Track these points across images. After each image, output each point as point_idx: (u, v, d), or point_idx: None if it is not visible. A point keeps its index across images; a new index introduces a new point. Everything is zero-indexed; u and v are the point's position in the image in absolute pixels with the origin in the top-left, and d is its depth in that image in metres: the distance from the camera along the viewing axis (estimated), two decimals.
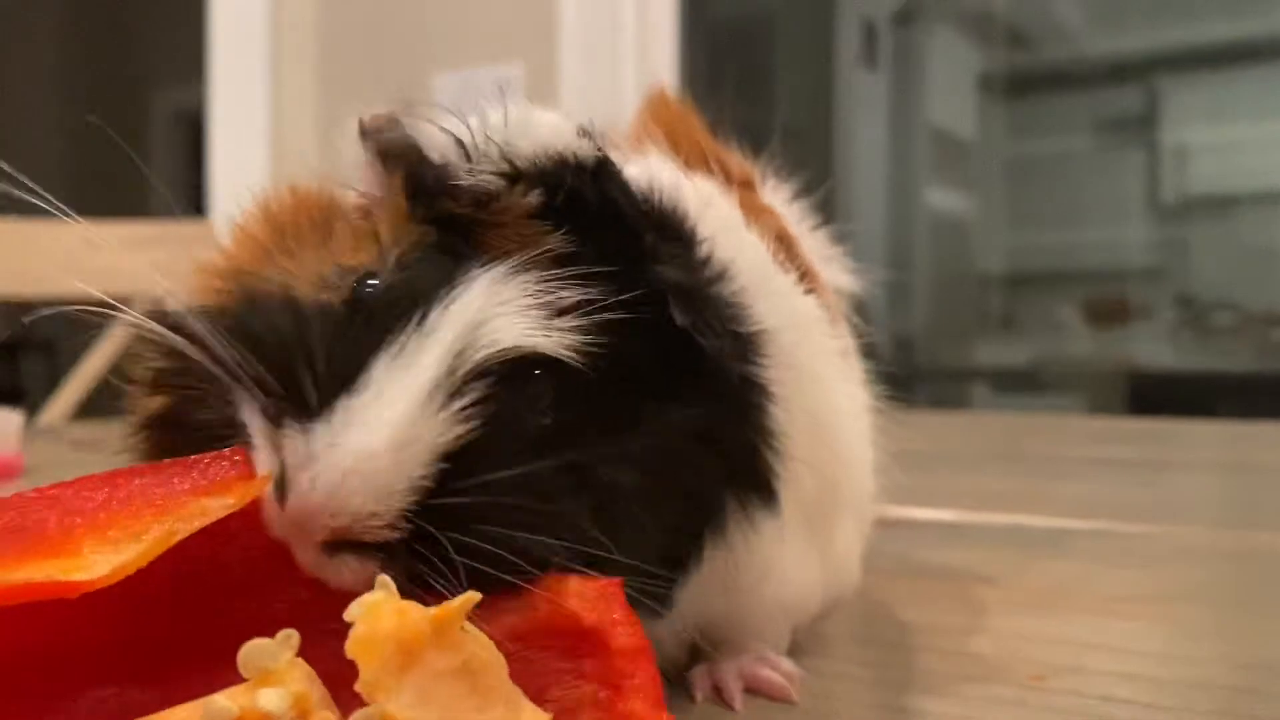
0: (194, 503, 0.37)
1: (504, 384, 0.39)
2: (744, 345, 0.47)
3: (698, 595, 0.47)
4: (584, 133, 0.45)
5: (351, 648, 0.32)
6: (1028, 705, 0.52)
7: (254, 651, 0.33)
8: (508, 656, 0.35)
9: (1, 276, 1.68)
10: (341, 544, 0.37)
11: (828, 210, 0.66)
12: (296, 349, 0.39)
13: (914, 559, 0.84)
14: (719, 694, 0.52)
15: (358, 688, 0.32)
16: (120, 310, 0.43)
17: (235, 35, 2.81)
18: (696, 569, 0.46)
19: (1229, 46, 4.25)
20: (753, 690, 0.53)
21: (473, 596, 0.34)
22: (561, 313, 0.41)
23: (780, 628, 0.56)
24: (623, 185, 0.45)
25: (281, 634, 0.33)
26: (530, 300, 0.41)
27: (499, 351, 0.39)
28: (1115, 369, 4.17)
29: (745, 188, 0.59)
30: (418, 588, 0.37)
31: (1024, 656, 0.59)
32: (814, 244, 0.66)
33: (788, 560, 0.51)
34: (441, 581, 0.37)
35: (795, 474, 0.49)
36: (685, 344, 0.44)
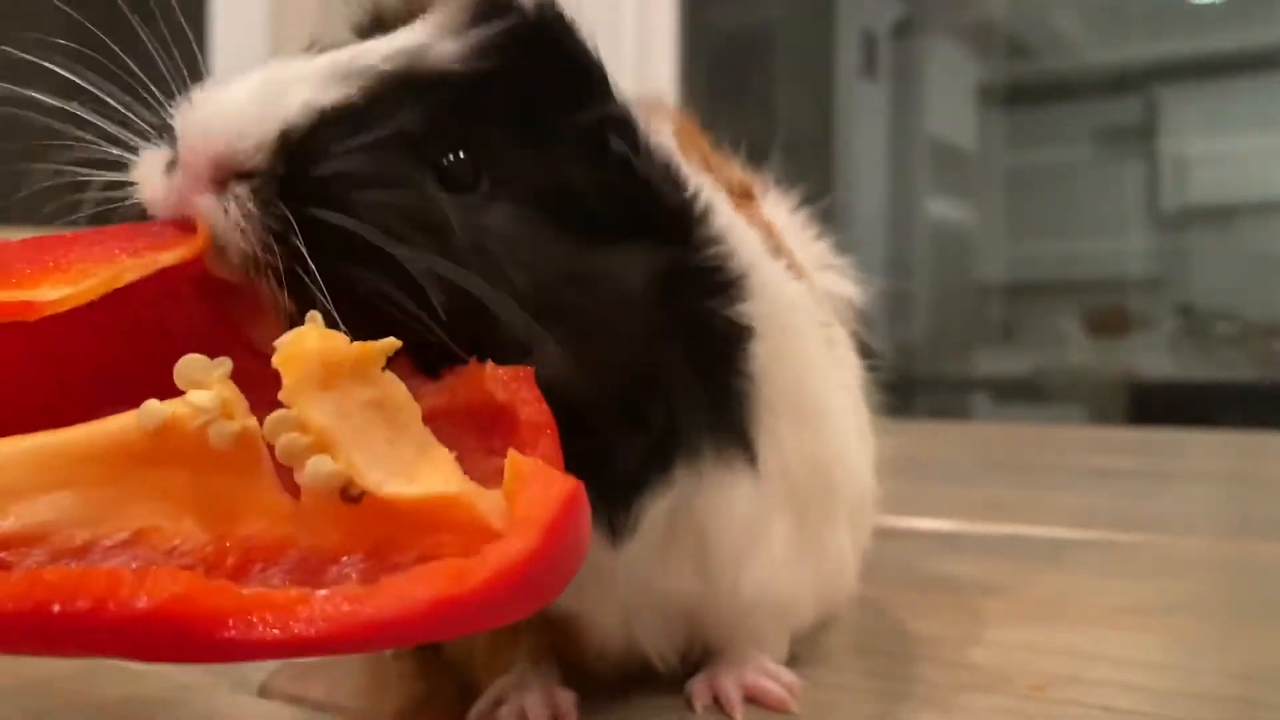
0: (146, 255, 0.40)
1: (400, 92, 0.43)
2: (728, 282, 0.48)
3: (667, 565, 0.48)
4: None
5: (278, 360, 0.36)
6: (1028, 716, 0.52)
7: (189, 364, 0.36)
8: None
9: None
10: (223, 184, 0.41)
11: (828, 220, 0.66)
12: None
13: (914, 569, 0.84)
14: (719, 704, 0.52)
15: (280, 395, 0.36)
16: None
17: (235, 51, 2.81)
18: (662, 488, 0.46)
19: (1228, 57, 4.26)
20: (752, 700, 0.53)
21: (393, 342, 0.38)
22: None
23: (778, 635, 0.56)
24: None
25: (217, 359, 0.37)
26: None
27: (390, 57, 0.43)
28: (1116, 379, 4.17)
29: (745, 199, 0.59)
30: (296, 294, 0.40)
31: (1024, 667, 0.59)
32: (815, 254, 0.66)
33: (774, 548, 0.50)
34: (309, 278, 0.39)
35: (778, 440, 0.49)
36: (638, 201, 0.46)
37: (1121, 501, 1.22)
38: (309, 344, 0.37)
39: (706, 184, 0.50)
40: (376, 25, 0.50)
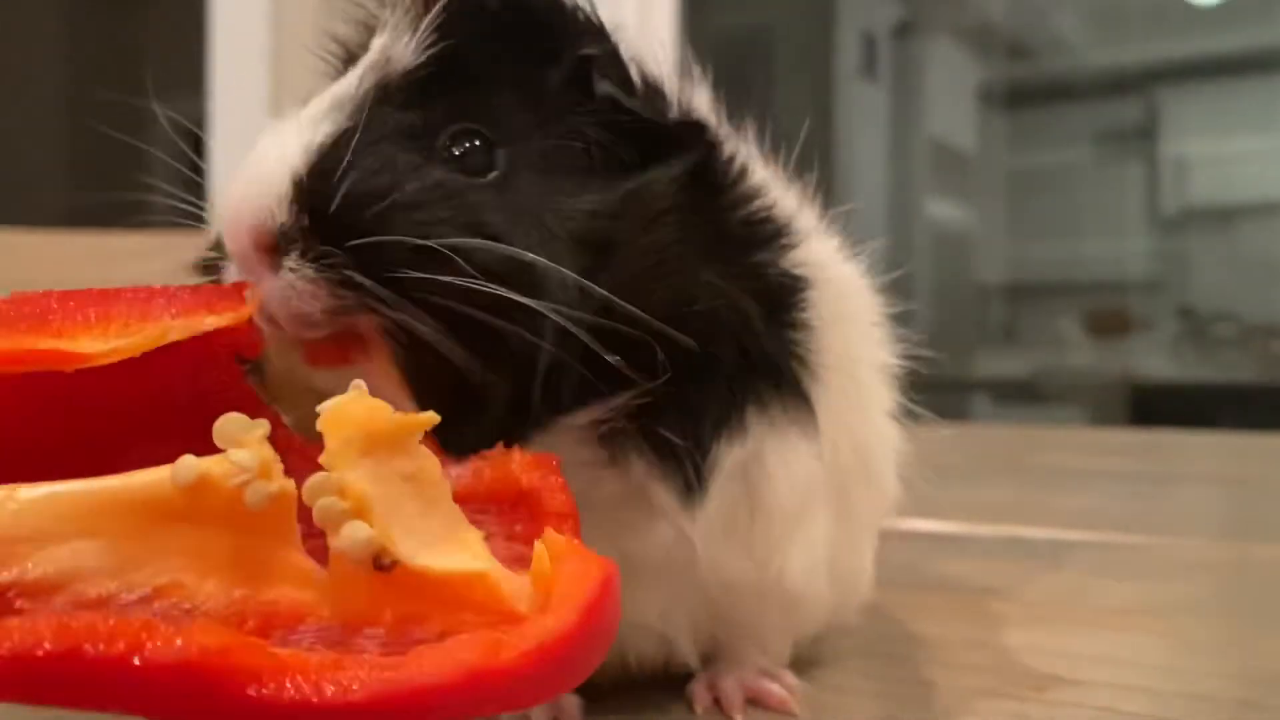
0: (192, 316, 0.40)
1: (383, 102, 0.44)
2: (775, 233, 0.48)
3: (724, 534, 0.47)
4: None
5: (322, 423, 0.36)
6: (1029, 718, 0.52)
7: (229, 423, 0.36)
8: None
9: (1, 287, 1.68)
10: (274, 255, 0.42)
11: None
12: None
13: (915, 570, 0.84)
14: (720, 705, 0.52)
15: (321, 459, 0.36)
16: None
17: (236, 46, 2.81)
18: (738, 434, 0.46)
19: (1228, 59, 4.26)
20: (754, 702, 0.53)
21: (432, 417, 0.37)
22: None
23: (784, 636, 0.56)
24: None
25: (256, 420, 0.36)
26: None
27: (362, 78, 0.45)
28: (1116, 380, 4.17)
29: None
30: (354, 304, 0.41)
31: (1025, 669, 0.59)
32: None
33: (816, 535, 0.50)
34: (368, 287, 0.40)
35: (830, 402, 0.49)
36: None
37: (1122, 503, 1.22)
38: (354, 410, 0.37)
39: (741, 146, 0.51)
40: (349, 62, 0.50)
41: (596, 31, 0.47)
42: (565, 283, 0.42)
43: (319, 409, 0.36)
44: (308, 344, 0.43)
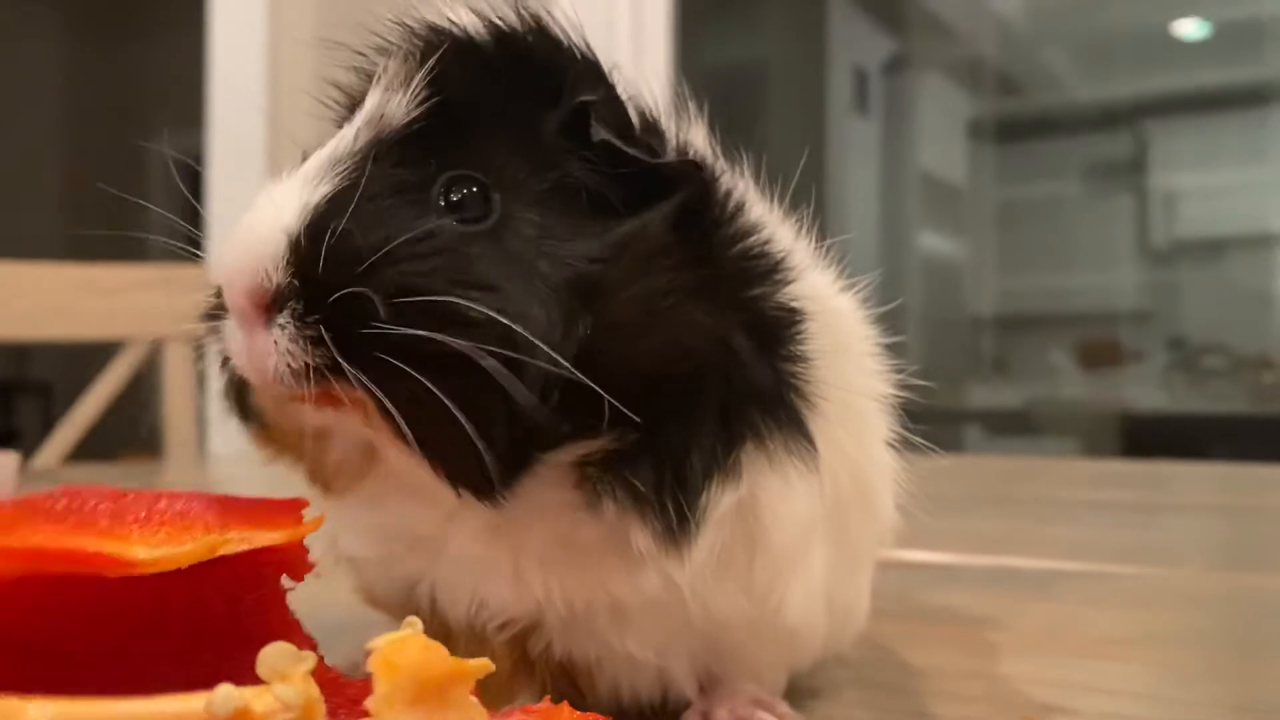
0: (246, 529, 0.38)
1: (379, 159, 0.44)
2: (771, 267, 0.48)
3: (718, 574, 0.47)
4: None
5: (373, 663, 0.33)
6: None
7: (276, 652, 0.33)
8: None
9: None
10: (268, 313, 0.42)
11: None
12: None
13: (907, 601, 0.84)
14: None
15: (368, 703, 0.32)
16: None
17: (234, 80, 2.83)
18: (732, 475, 0.45)
19: (1216, 92, 4.31)
20: None
21: (486, 664, 0.34)
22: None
23: (779, 666, 0.56)
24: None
25: (304, 652, 0.33)
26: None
27: (356, 134, 0.45)
28: (1107, 411, 4.18)
29: None
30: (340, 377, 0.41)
31: (1017, 698, 0.59)
32: None
33: (814, 568, 0.50)
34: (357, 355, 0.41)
35: (829, 434, 0.48)
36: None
37: (1114, 533, 1.22)
38: (410, 653, 0.33)
39: (736, 181, 0.51)
40: (352, 108, 0.50)
41: (596, 75, 0.48)
42: (548, 339, 0.41)
43: (368, 646, 0.34)
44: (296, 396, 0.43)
